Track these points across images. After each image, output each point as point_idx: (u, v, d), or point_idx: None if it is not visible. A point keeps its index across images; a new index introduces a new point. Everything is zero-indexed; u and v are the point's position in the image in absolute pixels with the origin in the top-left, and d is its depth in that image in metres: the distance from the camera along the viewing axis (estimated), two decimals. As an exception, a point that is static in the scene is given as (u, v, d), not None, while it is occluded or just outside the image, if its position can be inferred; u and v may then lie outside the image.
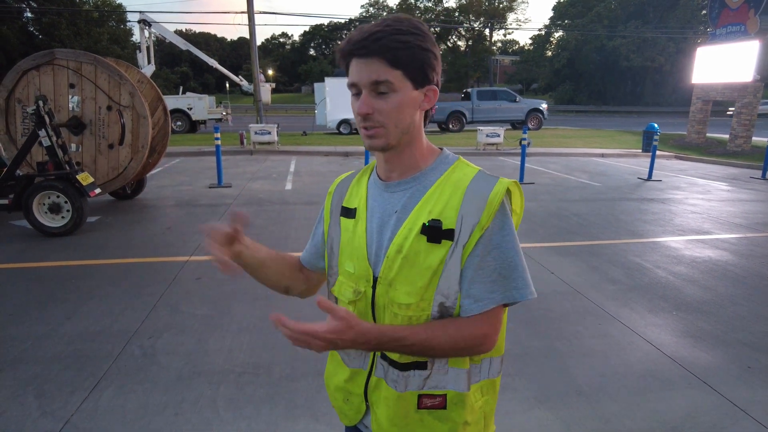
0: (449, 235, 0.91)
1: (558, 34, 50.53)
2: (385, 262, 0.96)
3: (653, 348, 3.25)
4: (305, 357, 3.02)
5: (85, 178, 5.70)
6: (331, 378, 1.15)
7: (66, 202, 5.60)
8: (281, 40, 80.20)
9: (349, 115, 19.13)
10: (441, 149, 1.04)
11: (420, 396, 0.98)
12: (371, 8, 55.77)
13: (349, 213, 1.06)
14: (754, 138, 15.15)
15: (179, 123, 20.02)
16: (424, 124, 1.00)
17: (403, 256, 0.93)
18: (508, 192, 0.95)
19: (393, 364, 0.98)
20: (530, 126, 21.49)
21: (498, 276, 0.92)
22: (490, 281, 0.92)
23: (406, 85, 0.91)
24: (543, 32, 51.88)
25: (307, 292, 1.24)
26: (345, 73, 0.96)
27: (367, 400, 1.05)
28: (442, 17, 53.25)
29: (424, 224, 0.92)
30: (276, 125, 14.36)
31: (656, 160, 11.03)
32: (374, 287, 0.98)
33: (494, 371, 1.04)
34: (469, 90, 22.47)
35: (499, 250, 0.92)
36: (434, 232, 0.91)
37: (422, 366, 0.97)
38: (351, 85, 0.92)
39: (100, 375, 2.81)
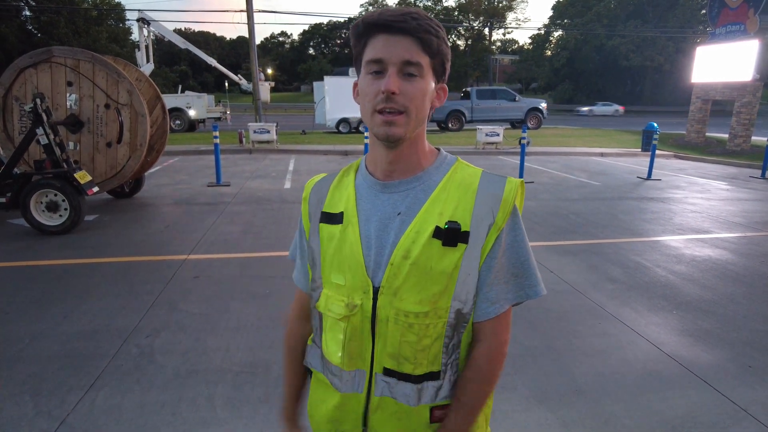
0: (464, 237, 0.87)
1: (557, 34, 50.59)
2: (389, 269, 0.88)
3: (653, 347, 3.23)
4: (303, 356, 2.99)
5: (82, 177, 5.68)
6: (317, 408, 1.04)
7: (64, 201, 5.57)
8: (280, 39, 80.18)
9: (348, 113, 19.14)
10: (438, 149, 1.00)
11: (432, 409, 0.94)
12: (370, 7, 55.75)
13: (332, 218, 0.96)
14: (753, 137, 15.16)
15: (178, 122, 19.98)
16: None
17: (411, 262, 0.87)
18: None
19: (405, 378, 0.92)
20: (530, 125, 21.50)
21: (511, 276, 0.91)
22: (504, 282, 0.91)
23: (430, 74, 0.88)
24: (542, 31, 51.92)
25: None
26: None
27: (365, 424, 0.98)
28: (442, 16, 53.26)
29: (438, 227, 0.87)
30: (275, 124, 14.34)
31: (656, 160, 11.02)
32: (375, 298, 0.90)
33: None
34: (468, 89, 22.44)
35: (512, 250, 0.91)
36: (453, 234, 0.87)
37: (435, 377, 0.93)
38: (374, 62, 0.85)
39: (97, 374, 2.79)
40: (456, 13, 53.76)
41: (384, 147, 0.91)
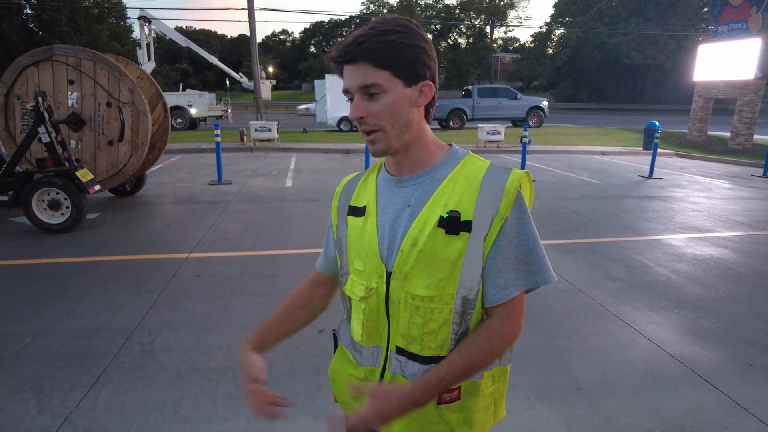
0: (467, 226, 0.92)
1: (559, 32, 50.48)
2: (399, 256, 0.96)
3: (654, 346, 3.23)
4: (304, 355, 3.01)
5: (84, 175, 5.69)
6: (338, 374, 1.15)
7: (65, 199, 5.58)
8: (281, 37, 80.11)
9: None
10: (450, 144, 1.04)
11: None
12: (372, 5, 55.62)
13: (357, 211, 1.05)
14: (755, 136, 15.13)
15: (179, 120, 19.99)
16: (427, 120, 1.00)
17: (418, 250, 0.94)
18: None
19: (413, 357, 0.99)
20: (531, 124, 21.46)
21: (520, 263, 0.96)
22: (513, 269, 0.96)
23: (396, 83, 0.91)
24: (544, 30, 51.80)
25: (333, 295, 1.27)
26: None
27: None
28: (443, 14, 53.16)
29: (441, 216, 0.93)
30: (276, 122, 14.34)
31: (657, 158, 11.01)
32: (388, 282, 0.98)
33: (506, 359, 1.07)
34: (469, 87, 22.39)
35: (519, 239, 0.96)
36: (453, 223, 0.92)
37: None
38: (344, 92, 0.94)
39: (99, 372, 2.80)
40: (457, 11, 53.63)
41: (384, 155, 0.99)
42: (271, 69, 45.42)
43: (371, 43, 0.88)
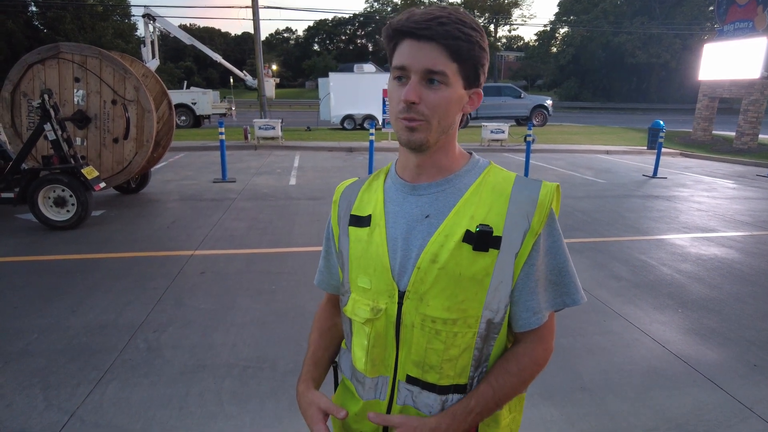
0: (496, 242, 0.83)
1: (563, 30, 50.31)
2: (416, 273, 0.85)
3: (658, 345, 3.24)
4: (309, 351, 3.01)
5: (90, 172, 5.72)
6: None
7: (71, 196, 5.61)
8: (285, 35, 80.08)
9: (353, 110, 19.15)
10: (471, 153, 0.97)
11: None
12: (375, 3, 55.58)
13: (360, 221, 0.93)
14: (760, 135, 15.08)
15: (183, 118, 20.02)
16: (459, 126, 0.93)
17: (439, 267, 0.84)
18: None
19: (428, 387, 0.89)
20: (535, 122, 21.42)
21: (549, 283, 0.89)
22: (544, 289, 0.89)
23: (459, 81, 0.83)
24: (548, 28, 51.65)
25: None
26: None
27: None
28: (447, 13, 52.94)
29: (469, 231, 0.83)
30: (280, 120, 14.35)
31: (661, 158, 10.98)
32: (400, 303, 0.87)
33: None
34: (473, 86, 22.34)
35: (549, 256, 0.88)
36: (484, 238, 0.83)
37: (461, 390, 0.90)
38: (398, 68, 0.82)
39: (105, 368, 2.82)
40: (461, 10, 53.54)
41: (411, 151, 0.88)
42: (274, 67, 45.46)
43: (452, 28, 0.79)
